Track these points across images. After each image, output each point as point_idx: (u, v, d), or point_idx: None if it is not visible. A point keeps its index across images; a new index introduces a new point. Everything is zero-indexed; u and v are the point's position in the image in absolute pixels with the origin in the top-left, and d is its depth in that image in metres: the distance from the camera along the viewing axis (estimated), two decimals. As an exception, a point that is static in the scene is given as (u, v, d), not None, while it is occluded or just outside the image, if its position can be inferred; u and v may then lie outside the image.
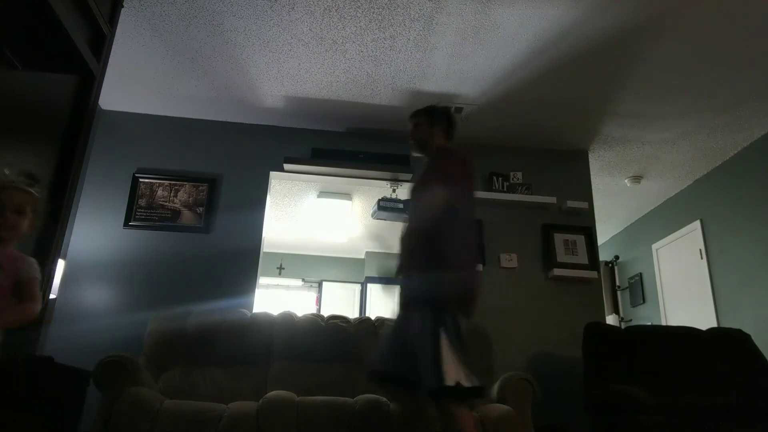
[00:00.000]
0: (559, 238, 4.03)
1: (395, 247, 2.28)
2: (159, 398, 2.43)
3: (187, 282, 3.62)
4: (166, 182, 3.84)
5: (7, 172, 1.62)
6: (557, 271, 3.86)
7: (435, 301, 1.98)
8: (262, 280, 7.60)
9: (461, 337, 1.93)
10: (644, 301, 5.69)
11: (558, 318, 3.82)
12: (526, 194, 4.12)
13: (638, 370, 3.14)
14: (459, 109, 3.83)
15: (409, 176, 4.05)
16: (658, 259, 5.45)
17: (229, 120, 4.11)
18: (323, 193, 5.54)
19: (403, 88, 3.60)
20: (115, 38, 3.14)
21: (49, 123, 1.88)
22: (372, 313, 7.24)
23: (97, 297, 3.53)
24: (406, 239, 2.17)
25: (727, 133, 4.05)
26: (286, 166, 3.95)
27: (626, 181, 4.88)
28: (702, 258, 4.70)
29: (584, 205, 4.11)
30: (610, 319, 6.06)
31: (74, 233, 3.68)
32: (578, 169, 4.33)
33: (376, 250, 7.59)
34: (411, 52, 3.24)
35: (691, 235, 4.89)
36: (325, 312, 7.31)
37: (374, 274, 7.53)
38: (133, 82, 3.64)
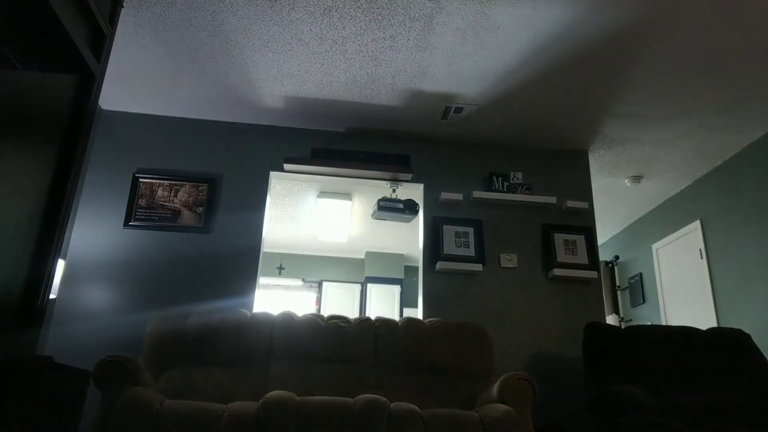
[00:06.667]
0: (559, 238, 4.03)
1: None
2: (159, 398, 2.43)
3: (187, 282, 3.63)
4: (166, 182, 3.84)
5: None
6: (557, 271, 3.86)
7: None
8: (262, 280, 7.63)
9: None
10: (644, 301, 5.69)
11: (558, 318, 3.82)
12: (526, 194, 4.12)
13: (638, 370, 3.14)
14: (459, 109, 3.83)
15: (409, 176, 4.05)
16: (658, 259, 5.45)
17: (229, 120, 4.11)
18: (323, 193, 5.55)
19: (403, 88, 3.60)
20: (115, 38, 3.16)
21: (48, 123, 1.88)
22: (372, 313, 7.24)
23: (97, 297, 3.53)
24: None
25: (726, 134, 4.05)
26: (286, 166, 3.95)
27: (626, 181, 4.88)
28: (702, 258, 4.70)
29: (584, 205, 4.11)
30: (610, 319, 6.06)
31: (74, 233, 3.68)
32: (578, 169, 4.33)
33: (376, 250, 7.59)
34: (411, 52, 3.24)
35: (691, 235, 4.89)
36: (325, 312, 7.30)
37: (374, 274, 7.54)
38: (133, 82, 3.64)
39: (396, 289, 7.49)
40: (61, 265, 3.42)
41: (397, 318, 3.56)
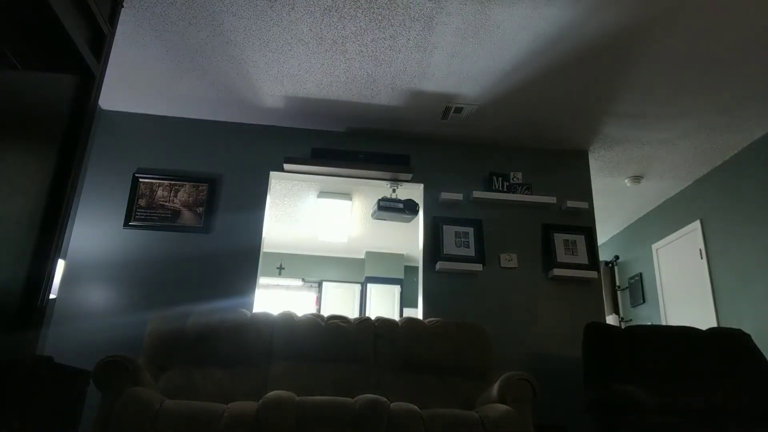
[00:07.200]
0: (559, 238, 4.03)
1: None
2: (159, 398, 2.43)
3: (187, 282, 3.63)
4: (166, 182, 3.84)
5: None
6: (557, 271, 3.86)
7: None
8: (262, 280, 7.63)
9: None
10: (644, 301, 5.69)
11: (558, 318, 3.82)
12: (526, 194, 4.12)
13: (638, 370, 3.14)
14: (459, 109, 3.83)
15: (409, 176, 4.05)
16: (658, 259, 5.45)
17: (229, 120, 4.11)
18: (323, 193, 5.55)
19: (403, 88, 3.60)
20: (115, 38, 3.16)
21: (49, 123, 1.88)
22: (372, 313, 7.24)
23: (97, 297, 3.53)
24: None
25: (726, 134, 4.05)
26: (286, 166, 3.95)
27: (626, 181, 4.88)
28: (702, 258, 4.70)
29: (584, 205, 4.11)
30: (610, 319, 6.06)
31: (74, 233, 3.68)
32: (578, 169, 4.33)
33: (376, 250, 7.59)
34: (411, 52, 3.23)
35: (691, 235, 4.89)
36: (325, 312, 7.31)
37: (374, 274, 7.54)
38: (133, 82, 3.64)
39: (396, 289, 7.49)
40: (61, 265, 3.42)
41: (397, 318, 3.55)
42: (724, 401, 2.88)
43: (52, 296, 3.43)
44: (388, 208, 4.01)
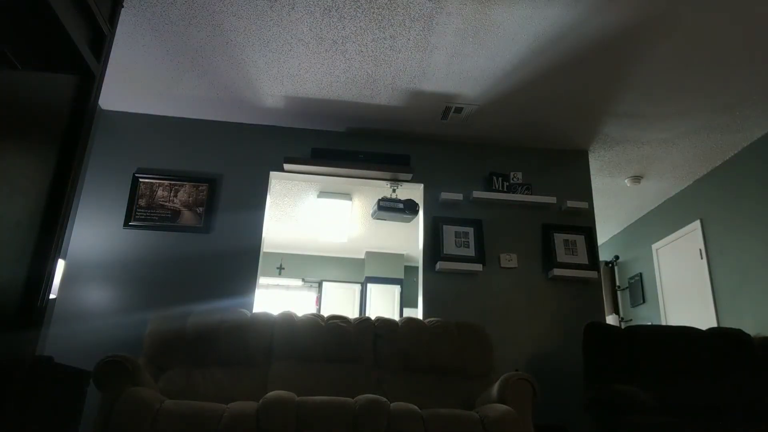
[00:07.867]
0: (559, 238, 4.03)
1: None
2: (159, 398, 2.43)
3: (187, 282, 3.63)
4: (166, 182, 3.84)
5: None
6: (557, 271, 3.86)
7: None
8: (262, 280, 7.63)
9: None
10: (644, 301, 5.69)
11: (558, 318, 3.82)
12: (526, 194, 4.12)
13: (638, 370, 3.14)
14: (459, 109, 3.83)
15: (409, 176, 4.05)
16: (658, 259, 5.45)
17: (229, 120, 4.11)
18: (323, 193, 5.55)
19: (403, 88, 3.60)
20: (115, 38, 3.16)
21: (48, 123, 1.88)
22: (372, 313, 7.24)
23: (97, 297, 3.53)
24: None
25: (726, 133, 4.05)
26: (286, 166, 3.95)
27: (626, 181, 4.88)
28: (702, 258, 4.70)
29: (584, 205, 4.11)
30: (610, 319, 6.06)
31: (74, 233, 3.68)
32: (578, 169, 4.33)
33: (376, 250, 7.59)
34: (411, 52, 3.23)
35: (691, 235, 4.89)
36: (325, 312, 7.31)
37: (374, 274, 7.54)
38: (133, 82, 3.64)
39: (396, 289, 7.49)
40: (61, 265, 3.42)
41: (397, 318, 3.56)
42: (723, 401, 2.88)
43: (52, 296, 3.43)
44: (388, 208, 4.01)
